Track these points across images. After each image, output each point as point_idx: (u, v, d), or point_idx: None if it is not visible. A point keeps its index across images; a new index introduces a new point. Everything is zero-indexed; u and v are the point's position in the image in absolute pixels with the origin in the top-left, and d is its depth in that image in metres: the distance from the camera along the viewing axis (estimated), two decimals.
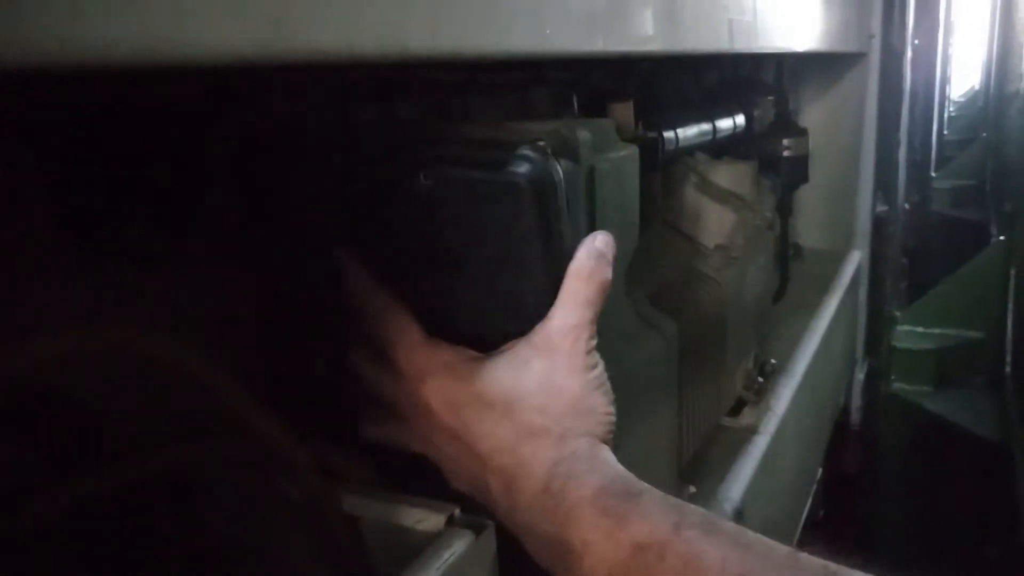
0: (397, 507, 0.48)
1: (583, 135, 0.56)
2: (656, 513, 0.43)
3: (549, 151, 0.51)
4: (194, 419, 0.46)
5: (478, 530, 0.46)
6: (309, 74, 0.58)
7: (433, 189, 0.49)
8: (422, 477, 0.52)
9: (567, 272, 0.50)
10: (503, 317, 0.51)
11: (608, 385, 0.50)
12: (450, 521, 0.47)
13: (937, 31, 2.87)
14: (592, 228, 0.57)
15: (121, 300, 0.52)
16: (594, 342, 0.50)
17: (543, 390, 0.48)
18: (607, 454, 0.48)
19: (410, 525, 0.47)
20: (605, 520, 0.43)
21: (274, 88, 0.59)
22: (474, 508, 0.49)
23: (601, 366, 0.50)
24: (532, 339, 0.49)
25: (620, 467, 0.47)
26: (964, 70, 6.73)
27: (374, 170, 0.53)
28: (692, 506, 0.44)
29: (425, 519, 0.47)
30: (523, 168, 0.48)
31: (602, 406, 0.49)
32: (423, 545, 0.45)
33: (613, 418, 0.49)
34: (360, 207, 0.53)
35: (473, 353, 0.50)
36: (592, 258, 0.50)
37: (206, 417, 0.46)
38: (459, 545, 0.45)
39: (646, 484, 0.45)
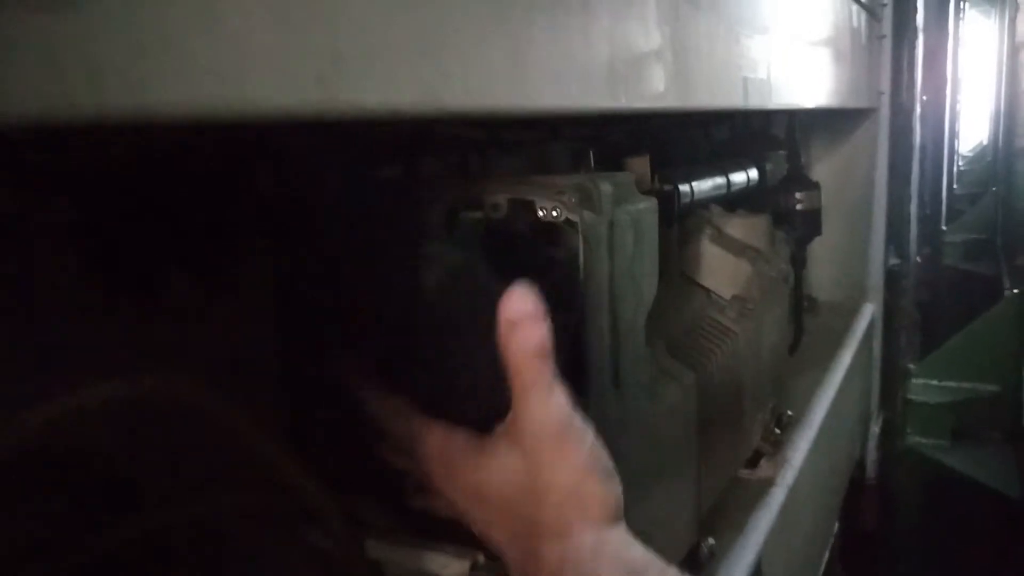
0: (421, 553, 0.48)
1: (605, 187, 0.57)
2: None
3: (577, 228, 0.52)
4: (219, 467, 0.46)
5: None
6: (341, 130, 0.60)
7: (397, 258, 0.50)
8: (448, 523, 0.52)
9: (503, 356, 0.44)
10: (476, 399, 0.48)
11: (604, 458, 0.45)
12: (474, 567, 0.47)
13: (945, 87, 2.92)
14: (612, 279, 0.58)
15: (151, 348, 0.53)
16: (569, 418, 0.44)
17: (533, 489, 0.44)
18: (616, 544, 0.44)
19: (435, 571, 0.47)
20: None
21: (302, 145, 0.61)
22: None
23: (589, 445, 0.44)
24: (510, 433, 0.45)
25: (628, 552, 0.44)
26: (972, 125, 6.79)
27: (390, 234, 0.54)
28: None
29: (449, 565, 0.47)
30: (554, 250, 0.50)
31: (600, 492, 0.44)
32: None
33: (616, 494, 0.45)
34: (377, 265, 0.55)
35: (469, 437, 0.47)
36: (514, 330, 0.44)
37: (231, 465, 0.46)
38: None
39: (657, 564, 0.43)
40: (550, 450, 0.43)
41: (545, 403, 0.43)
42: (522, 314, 0.43)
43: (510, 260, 0.55)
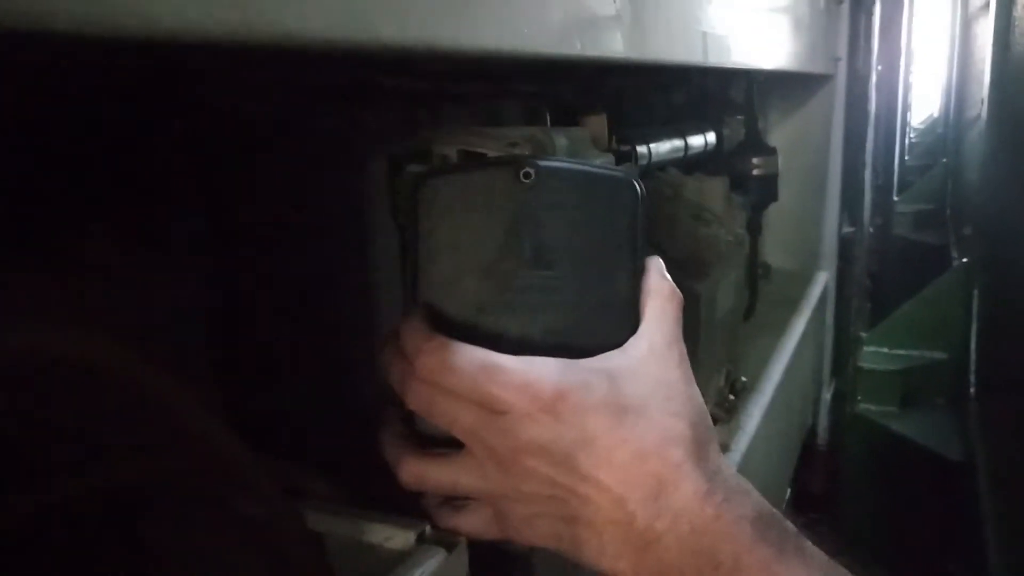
0: (364, 524, 0.46)
1: (560, 141, 0.55)
2: (812, 561, 0.42)
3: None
4: (139, 430, 0.43)
5: (450, 547, 0.44)
6: (277, 73, 0.57)
7: (533, 187, 0.45)
8: (390, 493, 0.50)
9: (647, 291, 0.46)
10: (594, 327, 0.46)
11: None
12: (420, 538, 0.45)
13: (900, 57, 2.93)
14: None
15: (67, 308, 0.50)
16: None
17: (673, 394, 0.44)
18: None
19: (378, 543, 0.45)
20: (764, 547, 0.41)
21: (243, 89, 0.57)
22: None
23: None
24: (638, 350, 0.45)
25: (763, 499, 0.44)
26: (924, 97, 6.89)
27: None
28: (843, 571, 0.43)
29: (394, 536, 0.45)
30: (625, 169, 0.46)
31: (698, 393, 0.46)
32: (392, 564, 0.42)
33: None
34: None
35: (569, 361, 0.44)
36: (667, 279, 0.47)
37: (152, 428, 0.43)
38: (430, 563, 0.43)
39: (794, 528, 0.43)
40: (681, 366, 0.46)
41: (675, 333, 0.46)
42: (664, 270, 0.48)
43: None
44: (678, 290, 0.47)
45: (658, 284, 0.47)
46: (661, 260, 0.48)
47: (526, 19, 0.48)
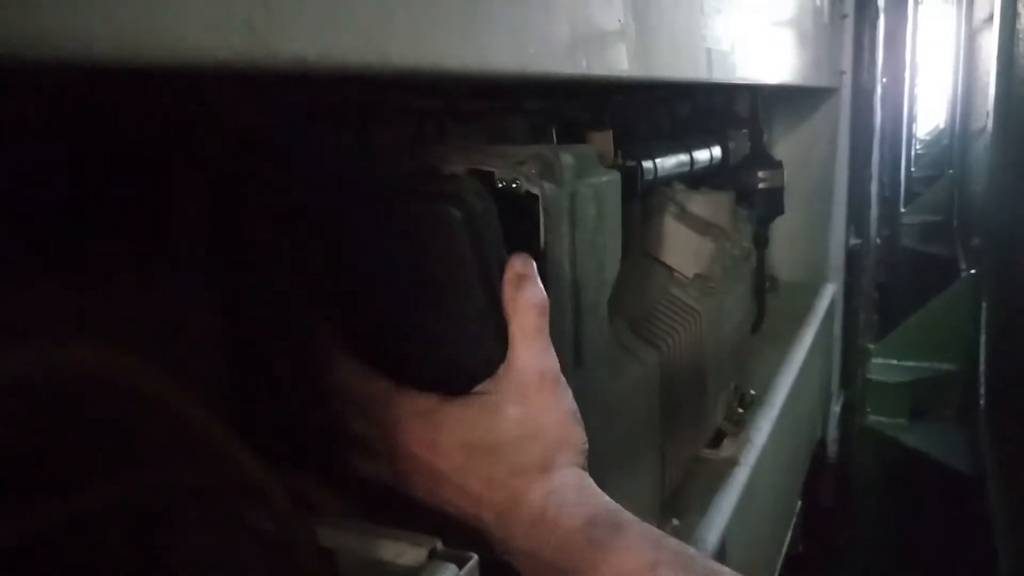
0: (376, 540, 0.46)
1: (566, 159, 0.55)
2: (637, 548, 0.45)
3: (469, 184, 0.49)
4: (155, 444, 0.43)
5: (461, 563, 0.44)
6: (298, 93, 0.57)
7: (373, 222, 0.48)
8: (402, 509, 0.50)
9: (508, 307, 0.49)
10: (462, 358, 0.49)
11: (578, 411, 0.51)
12: (432, 554, 0.45)
13: (904, 69, 2.94)
14: (574, 253, 0.56)
15: (81, 319, 0.50)
16: (558, 369, 0.50)
17: (525, 433, 0.49)
18: (592, 483, 0.49)
19: (389, 559, 0.45)
20: (592, 551, 0.45)
21: (257, 106, 0.57)
22: (457, 540, 0.47)
23: (570, 394, 0.51)
24: (502, 384, 0.49)
25: (605, 496, 0.49)
26: (929, 109, 6.89)
27: (336, 199, 0.52)
28: (672, 542, 0.46)
29: (405, 552, 0.45)
30: (451, 197, 0.47)
31: (579, 436, 0.50)
32: None
33: (587, 444, 0.51)
34: (322, 237, 0.52)
35: (446, 398, 0.50)
36: (520, 286, 0.49)
37: (168, 442, 0.44)
38: None
39: (630, 515, 0.47)
40: (545, 396, 0.49)
41: (544, 353, 0.49)
42: (527, 272, 0.49)
43: None
44: (533, 292, 0.49)
45: (511, 298, 0.49)
46: (518, 259, 0.49)
47: (532, 39, 0.48)
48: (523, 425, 0.48)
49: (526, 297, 0.48)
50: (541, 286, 0.49)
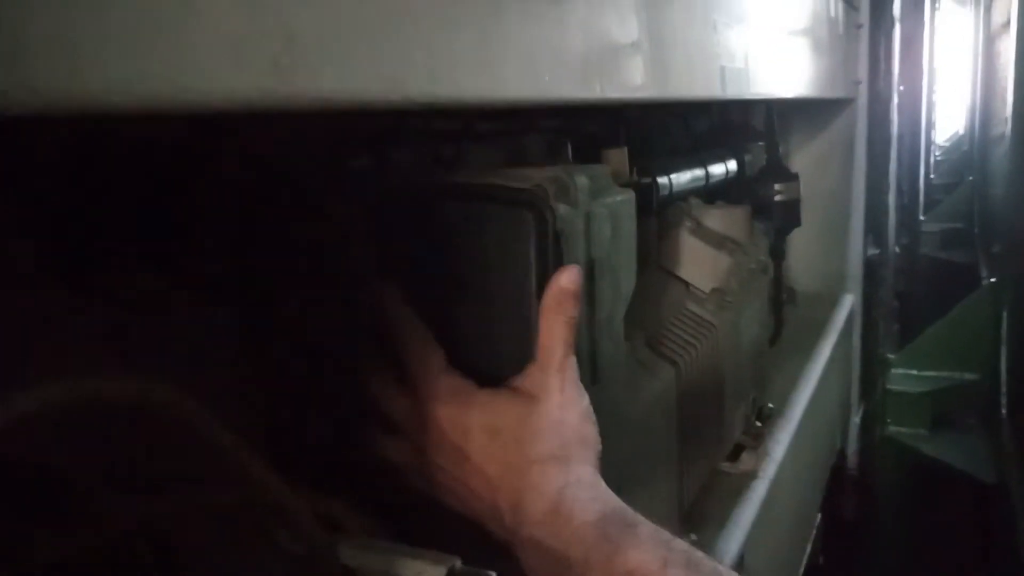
0: (396, 558, 0.47)
1: (581, 180, 0.56)
2: (648, 547, 0.47)
3: (548, 195, 0.54)
4: (182, 466, 0.44)
5: None
6: (310, 122, 0.59)
7: (447, 221, 0.53)
8: (423, 528, 0.51)
9: (541, 310, 0.53)
10: (502, 351, 0.55)
11: (594, 414, 0.55)
12: (451, 573, 0.45)
13: (922, 77, 2.93)
14: (591, 272, 0.57)
15: (110, 343, 0.51)
16: (577, 375, 0.54)
17: (548, 426, 0.52)
18: (604, 484, 0.52)
19: None
20: (605, 545, 0.47)
21: (273, 134, 0.59)
22: (474, 555, 0.48)
23: (587, 398, 0.55)
24: (528, 380, 0.54)
25: (617, 497, 0.51)
26: (948, 115, 6.84)
27: (389, 206, 0.56)
28: (680, 543, 0.49)
29: (425, 571, 0.46)
30: (526, 203, 0.52)
31: (595, 436, 0.54)
32: None
33: (600, 446, 0.54)
34: (377, 242, 0.57)
35: (479, 384, 0.54)
36: (559, 295, 0.53)
37: (195, 464, 0.45)
38: None
39: (641, 516, 0.50)
40: (566, 395, 0.53)
41: (566, 360, 0.53)
42: (572, 286, 0.53)
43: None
44: (567, 305, 0.53)
45: (548, 303, 0.53)
46: (568, 273, 0.53)
47: (546, 67, 0.49)
48: (544, 417, 0.52)
49: (565, 310, 0.53)
50: (577, 301, 0.53)
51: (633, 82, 0.62)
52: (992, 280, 2.45)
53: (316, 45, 0.32)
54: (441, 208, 0.55)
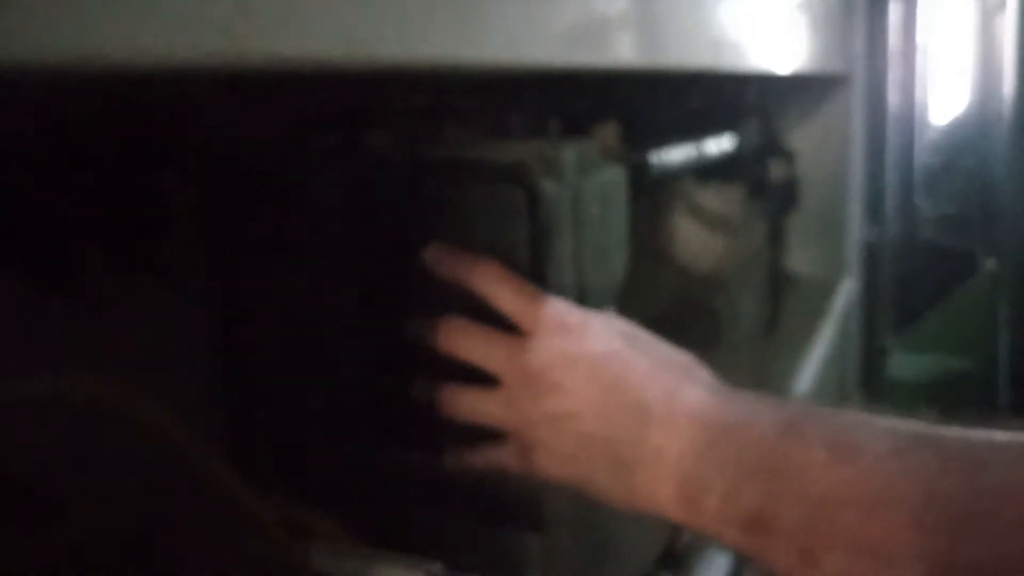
0: (372, 564, 0.44)
1: (568, 155, 0.53)
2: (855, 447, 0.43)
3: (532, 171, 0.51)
4: (146, 471, 0.43)
5: None
6: (281, 101, 0.56)
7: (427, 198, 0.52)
8: (399, 535, 0.48)
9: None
10: None
11: None
12: None
13: (918, 55, 2.90)
14: (578, 252, 0.54)
15: (69, 344, 0.49)
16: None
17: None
18: None
19: None
20: (785, 441, 0.44)
21: (243, 114, 0.56)
22: (468, 560, 0.45)
23: None
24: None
25: None
26: (946, 96, 6.83)
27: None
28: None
29: None
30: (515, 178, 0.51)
31: None
32: None
33: None
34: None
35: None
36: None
37: (159, 468, 0.43)
38: None
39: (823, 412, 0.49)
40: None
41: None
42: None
43: None
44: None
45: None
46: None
47: (529, 29, 0.46)
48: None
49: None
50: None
51: (621, 50, 0.59)
52: (991, 265, 2.43)
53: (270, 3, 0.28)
54: (421, 185, 0.52)
